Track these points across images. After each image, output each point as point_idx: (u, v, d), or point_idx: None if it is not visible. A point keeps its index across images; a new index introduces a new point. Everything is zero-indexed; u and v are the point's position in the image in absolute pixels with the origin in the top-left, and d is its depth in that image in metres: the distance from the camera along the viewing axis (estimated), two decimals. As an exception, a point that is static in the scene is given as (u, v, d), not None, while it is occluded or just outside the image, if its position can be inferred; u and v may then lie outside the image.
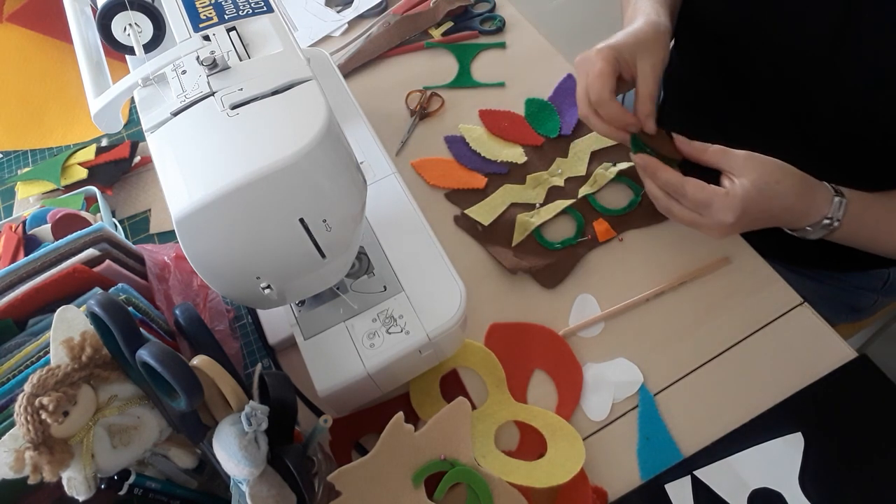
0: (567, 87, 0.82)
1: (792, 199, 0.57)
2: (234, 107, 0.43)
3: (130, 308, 0.52)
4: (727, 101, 0.74)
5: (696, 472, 0.56)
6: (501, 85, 0.83)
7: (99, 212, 0.75)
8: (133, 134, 0.87)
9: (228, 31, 0.48)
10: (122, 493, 0.46)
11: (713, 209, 0.56)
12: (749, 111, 0.71)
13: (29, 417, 0.42)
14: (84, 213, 0.73)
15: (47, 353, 0.48)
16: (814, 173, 0.58)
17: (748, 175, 0.56)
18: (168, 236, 0.77)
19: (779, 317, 0.63)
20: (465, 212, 0.73)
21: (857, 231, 0.59)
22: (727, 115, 0.75)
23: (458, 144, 0.79)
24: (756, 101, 0.70)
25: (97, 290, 0.56)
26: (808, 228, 0.59)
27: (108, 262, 0.58)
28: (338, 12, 0.96)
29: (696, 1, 0.71)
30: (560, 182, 0.74)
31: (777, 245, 0.68)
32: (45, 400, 0.43)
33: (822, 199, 0.58)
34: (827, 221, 0.58)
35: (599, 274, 0.68)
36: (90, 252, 0.58)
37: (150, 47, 0.50)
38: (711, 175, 0.59)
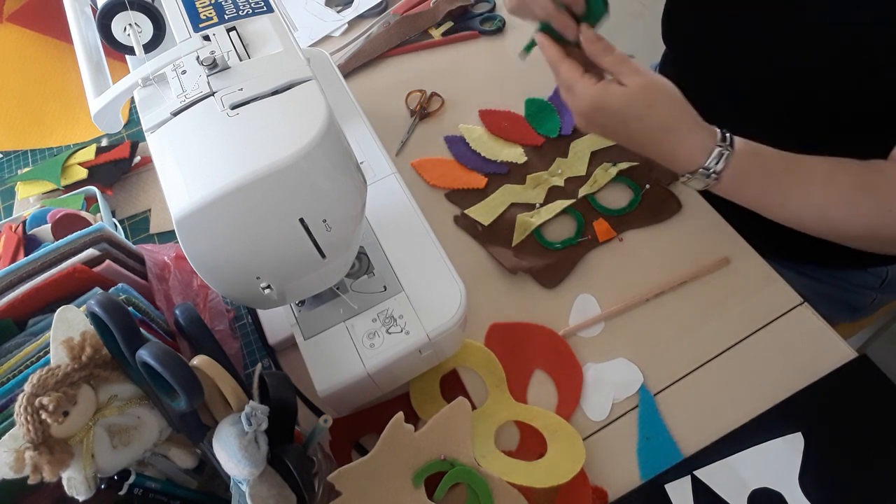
0: (567, 87, 0.82)
1: (657, 132, 0.56)
2: (234, 107, 0.43)
3: (130, 308, 0.52)
4: (718, 101, 0.74)
5: (696, 472, 0.56)
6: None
7: (99, 212, 0.75)
8: (133, 134, 0.87)
9: (228, 31, 0.48)
10: (122, 493, 0.46)
11: (574, 91, 0.57)
12: (740, 109, 0.72)
13: (29, 417, 0.42)
14: (84, 213, 0.73)
15: (47, 353, 0.48)
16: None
17: (626, 82, 0.55)
18: (168, 236, 0.77)
19: (779, 317, 0.63)
20: (465, 212, 0.73)
21: (739, 191, 0.57)
22: (720, 115, 0.75)
23: (458, 144, 0.79)
24: (744, 97, 0.71)
25: (97, 290, 0.56)
26: (683, 177, 0.57)
27: (108, 262, 0.58)
28: (338, 12, 0.96)
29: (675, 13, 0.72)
30: (560, 182, 0.74)
31: (775, 242, 0.68)
32: (45, 400, 0.43)
33: (697, 146, 0.55)
34: (701, 171, 0.55)
35: (599, 274, 0.68)
36: (90, 252, 0.58)
37: (150, 47, 0.50)
38: None
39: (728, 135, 0.56)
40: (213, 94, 0.44)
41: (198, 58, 0.45)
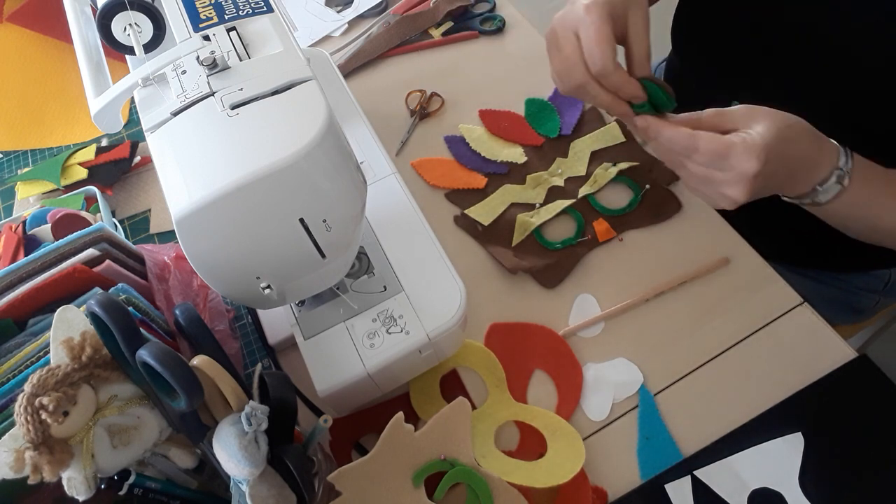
0: (567, 87, 0.82)
1: (806, 145, 0.52)
2: (234, 107, 0.43)
3: (130, 308, 0.52)
4: (729, 103, 0.74)
5: (696, 472, 0.56)
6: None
7: (99, 212, 0.75)
8: (133, 134, 0.87)
9: (228, 31, 0.48)
10: (122, 493, 0.46)
11: (732, 159, 0.49)
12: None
13: (29, 417, 0.42)
14: (84, 213, 0.73)
15: (47, 353, 0.48)
16: None
17: (759, 122, 0.50)
18: (168, 236, 0.77)
19: (779, 317, 0.63)
20: (465, 212, 0.73)
21: (861, 190, 0.54)
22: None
23: (458, 144, 0.79)
24: (758, 100, 0.70)
25: (97, 290, 0.56)
26: (819, 188, 0.53)
27: (108, 262, 0.58)
28: (338, 12, 0.96)
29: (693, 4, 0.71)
30: (560, 182, 0.74)
31: (778, 246, 0.68)
32: (45, 400, 0.43)
33: (829, 148, 0.53)
34: (837, 174, 0.52)
35: (599, 274, 0.68)
36: (90, 252, 0.58)
37: (150, 47, 0.50)
38: None
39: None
40: (213, 94, 0.44)
41: (198, 58, 0.45)
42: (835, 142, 0.54)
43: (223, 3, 0.49)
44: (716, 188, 0.51)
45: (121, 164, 0.81)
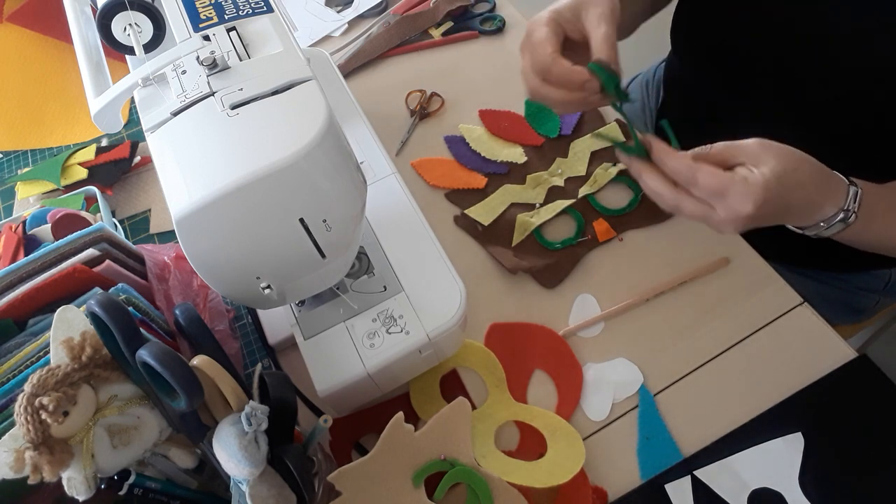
0: (567, 87, 0.81)
1: (810, 190, 0.51)
2: (234, 107, 0.43)
3: (130, 308, 0.52)
4: (729, 102, 0.74)
5: (696, 472, 0.56)
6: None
7: (99, 212, 0.75)
8: (133, 134, 0.87)
9: (228, 31, 0.48)
10: (122, 493, 0.46)
11: (729, 198, 0.49)
12: (752, 109, 0.71)
13: (29, 417, 0.42)
14: (84, 213, 0.73)
15: (47, 353, 0.48)
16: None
17: (766, 163, 0.49)
18: (168, 236, 0.77)
19: (779, 317, 0.63)
20: (465, 212, 0.73)
21: (868, 225, 0.54)
22: (730, 116, 0.75)
23: (458, 144, 0.79)
24: (758, 99, 0.70)
25: (97, 290, 0.56)
26: (822, 224, 0.53)
27: (108, 262, 0.58)
28: (338, 12, 0.96)
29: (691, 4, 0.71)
30: (560, 182, 0.74)
31: (778, 246, 0.68)
32: (45, 400, 0.43)
33: (837, 190, 0.53)
34: (842, 215, 0.52)
35: (599, 274, 0.68)
36: (90, 252, 0.58)
37: (150, 47, 0.50)
38: None
39: (846, 177, 0.54)
40: (213, 94, 0.44)
41: (198, 58, 0.45)
42: (844, 179, 0.53)
43: (223, 3, 0.49)
44: (709, 219, 0.52)
45: (121, 164, 0.81)
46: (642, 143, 0.53)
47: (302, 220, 0.44)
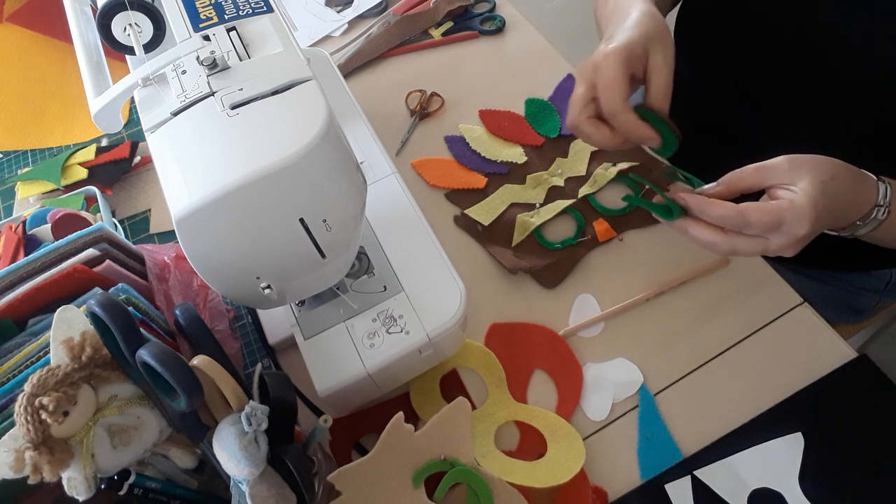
0: (567, 87, 0.82)
1: (850, 193, 0.52)
2: (234, 107, 0.43)
3: (130, 308, 0.52)
4: (734, 105, 0.74)
5: (696, 472, 0.56)
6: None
7: (99, 212, 0.75)
8: (133, 134, 0.87)
9: (228, 31, 0.48)
10: (122, 493, 0.46)
11: (785, 226, 0.49)
12: (756, 112, 0.71)
13: (29, 417, 0.42)
14: (84, 213, 0.73)
15: (47, 353, 0.48)
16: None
17: (803, 178, 0.50)
18: (168, 236, 0.77)
19: (779, 317, 0.63)
20: (465, 212, 0.73)
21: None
22: (735, 120, 0.74)
23: (458, 144, 0.79)
24: (763, 102, 0.70)
25: (97, 290, 0.56)
26: (858, 223, 0.54)
27: (108, 262, 0.58)
28: (338, 12, 0.96)
29: (697, 4, 0.71)
30: (560, 182, 0.74)
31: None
32: (45, 400, 0.43)
33: (869, 187, 0.53)
34: (877, 212, 0.53)
35: (599, 274, 0.68)
36: (90, 252, 0.58)
37: (150, 47, 0.50)
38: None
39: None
40: (213, 94, 0.44)
41: (198, 58, 0.45)
42: (872, 175, 0.54)
43: (223, 3, 0.49)
44: (767, 250, 0.52)
45: (121, 164, 0.81)
46: (677, 202, 0.54)
47: (302, 220, 0.44)
